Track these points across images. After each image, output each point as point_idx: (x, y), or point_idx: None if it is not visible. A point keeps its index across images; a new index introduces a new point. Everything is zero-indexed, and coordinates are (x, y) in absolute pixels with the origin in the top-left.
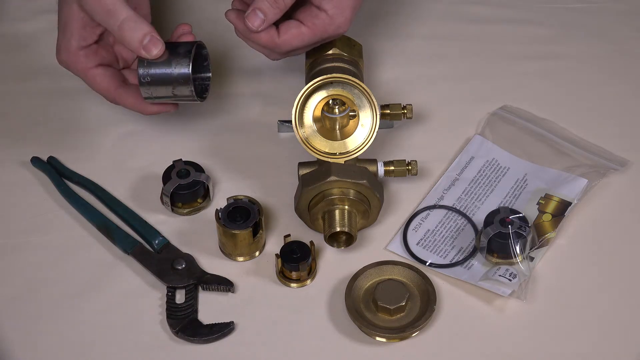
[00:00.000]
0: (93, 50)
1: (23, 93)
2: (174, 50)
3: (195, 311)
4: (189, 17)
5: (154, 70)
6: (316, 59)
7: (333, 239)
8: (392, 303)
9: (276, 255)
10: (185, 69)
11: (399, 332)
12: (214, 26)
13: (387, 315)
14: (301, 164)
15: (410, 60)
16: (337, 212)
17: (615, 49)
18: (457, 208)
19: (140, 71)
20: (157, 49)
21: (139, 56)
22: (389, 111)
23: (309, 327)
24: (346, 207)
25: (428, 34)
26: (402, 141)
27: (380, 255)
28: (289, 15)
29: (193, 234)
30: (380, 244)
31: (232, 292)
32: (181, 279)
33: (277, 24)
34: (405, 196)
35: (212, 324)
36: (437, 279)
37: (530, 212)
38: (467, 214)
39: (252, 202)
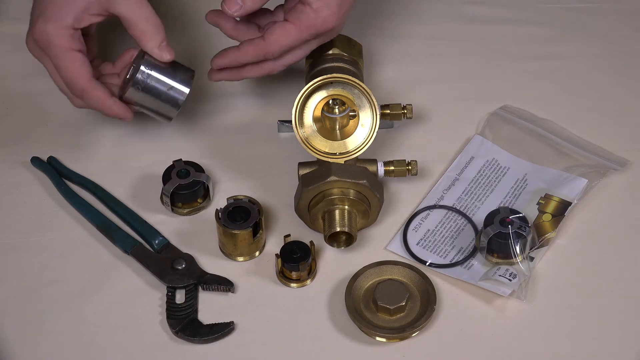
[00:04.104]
0: (79, 36)
1: (23, 93)
2: (175, 68)
3: (195, 311)
4: (189, 17)
5: (157, 74)
6: (316, 59)
7: (333, 239)
8: (392, 303)
9: (276, 255)
10: (186, 87)
11: (399, 332)
12: (215, 26)
13: (387, 315)
14: (301, 164)
15: (410, 60)
16: (337, 212)
17: (615, 49)
18: (457, 208)
19: (143, 68)
20: (169, 54)
21: (144, 58)
22: (389, 111)
23: (309, 327)
24: (346, 207)
25: (428, 34)
26: (402, 141)
27: (380, 255)
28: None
29: (193, 234)
30: (380, 244)
31: (232, 292)
32: (181, 279)
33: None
34: (405, 196)
35: (212, 324)
36: (437, 279)
37: (530, 212)
38: (467, 214)
39: (252, 202)
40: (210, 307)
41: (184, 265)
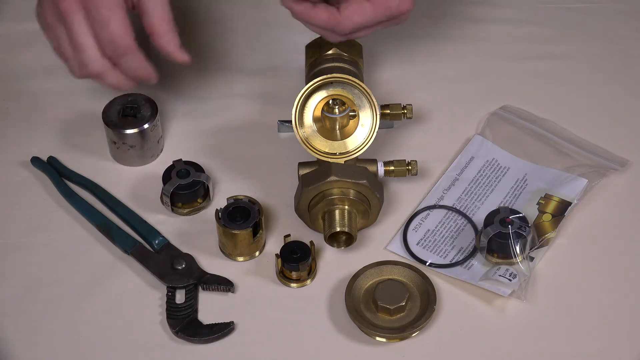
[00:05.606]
0: None
1: (23, 93)
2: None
3: (195, 311)
4: (190, 17)
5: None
6: (316, 59)
7: (333, 239)
8: (392, 303)
9: (276, 255)
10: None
11: (399, 332)
12: (215, 27)
13: (387, 315)
14: (301, 164)
15: (410, 60)
16: (337, 212)
17: (615, 49)
18: (457, 208)
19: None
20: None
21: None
22: (389, 111)
23: (309, 327)
24: (346, 207)
25: (428, 34)
26: (402, 141)
27: (380, 255)
28: None
29: (193, 234)
30: (380, 244)
31: (232, 292)
32: (181, 279)
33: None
34: (405, 196)
35: (212, 324)
36: (437, 279)
37: (530, 212)
38: (467, 214)
39: (252, 202)
40: (210, 307)
41: (184, 265)
